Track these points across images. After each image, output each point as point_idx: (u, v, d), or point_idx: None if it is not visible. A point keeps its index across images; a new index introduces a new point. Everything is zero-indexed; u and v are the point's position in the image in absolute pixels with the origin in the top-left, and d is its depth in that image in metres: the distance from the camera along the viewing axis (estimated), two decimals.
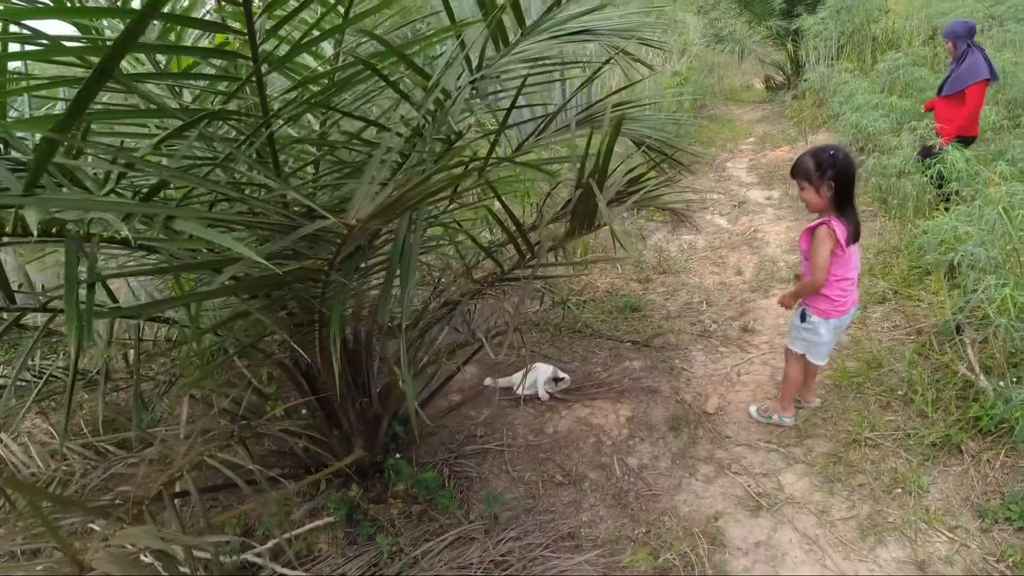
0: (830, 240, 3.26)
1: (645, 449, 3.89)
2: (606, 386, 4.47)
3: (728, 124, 11.93)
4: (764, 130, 11.22)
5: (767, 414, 4.07)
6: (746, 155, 10.03)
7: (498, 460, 3.96)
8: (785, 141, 10.31)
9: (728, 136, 11.02)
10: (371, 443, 4.03)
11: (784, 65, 14.33)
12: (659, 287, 6.03)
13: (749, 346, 4.92)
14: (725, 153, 10.21)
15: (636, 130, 4.17)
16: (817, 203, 3.30)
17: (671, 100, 9.27)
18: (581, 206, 2.85)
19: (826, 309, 3.53)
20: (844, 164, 3.17)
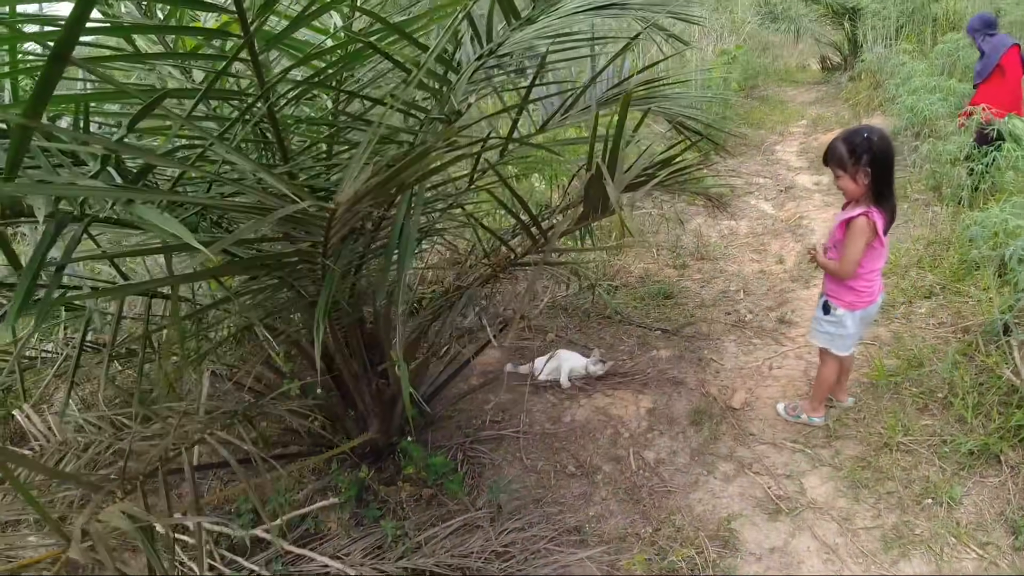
0: (867, 234, 3.06)
1: (664, 443, 3.73)
2: (630, 376, 4.30)
3: (780, 105, 11.52)
4: (817, 112, 10.80)
5: (795, 413, 3.84)
6: (796, 138, 9.67)
7: (512, 447, 3.83)
8: (838, 124, 9.90)
9: (779, 118, 10.64)
10: (386, 424, 3.94)
11: (841, 45, 13.79)
12: (695, 274, 5.82)
13: (784, 339, 4.69)
14: (775, 136, 9.85)
15: (669, 109, 3.96)
16: (855, 191, 3.06)
17: (718, 79, 8.92)
18: (593, 189, 2.69)
19: (852, 301, 3.33)
20: (881, 147, 2.93)
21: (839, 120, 10.17)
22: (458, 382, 4.42)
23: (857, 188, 3.03)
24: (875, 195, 3.03)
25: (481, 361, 4.64)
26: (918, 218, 6.24)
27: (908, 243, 5.74)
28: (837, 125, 9.88)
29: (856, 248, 3.09)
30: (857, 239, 3.07)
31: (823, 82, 13.33)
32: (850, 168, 2.99)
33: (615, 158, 2.57)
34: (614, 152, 2.56)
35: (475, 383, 4.45)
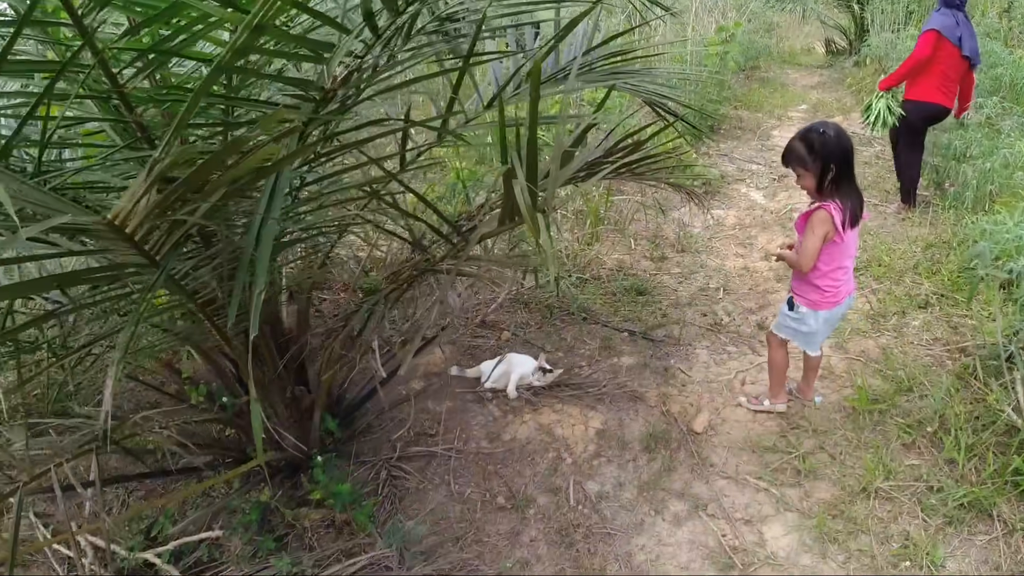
0: (825, 226, 2.85)
1: (610, 473, 3.15)
2: (584, 387, 3.72)
3: (780, 88, 10.79)
4: (818, 97, 10.08)
5: (758, 401, 3.55)
6: (795, 123, 8.96)
7: (443, 468, 3.27)
8: (840, 110, 9.20)
9: (778, 101, 9.93)
10: (304, 435, 3.41)
11: (847, 29, 12.97)
12: (674, 267, 5.20)
13: (762, 347, 4.10)
14: (772, 120, 9.16)
15: (638, 86, 3.35)
16: (815, 188, 2.88)
17: (714, 57, 8.20)
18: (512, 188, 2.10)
19: (816, 300, 3.09)
20: (838, 142, 2.76)
21: (841, 106, 9.46)
22: (396, 385, 3.86)
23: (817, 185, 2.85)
24: (836, 189, 2.83)
25: (426, 361, 4.07)
26: (917, 216, 5.60)
27: (904, 244, 5.12)
28: (838, 112, 9.19)
29: (812, 240, 2.89)
30: (815, 231, 2.87)
31: (827, 66, 12.56)
32: (811, 165, 2.80)
33: (533, 152, 1.97)
34: (531, 143, 1.96)
35: (416, 387, 3.87)
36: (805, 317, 3.13)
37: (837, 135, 2.76)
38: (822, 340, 3.32)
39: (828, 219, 2.81)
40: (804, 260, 2.93)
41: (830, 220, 2.81)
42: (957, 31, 5.16)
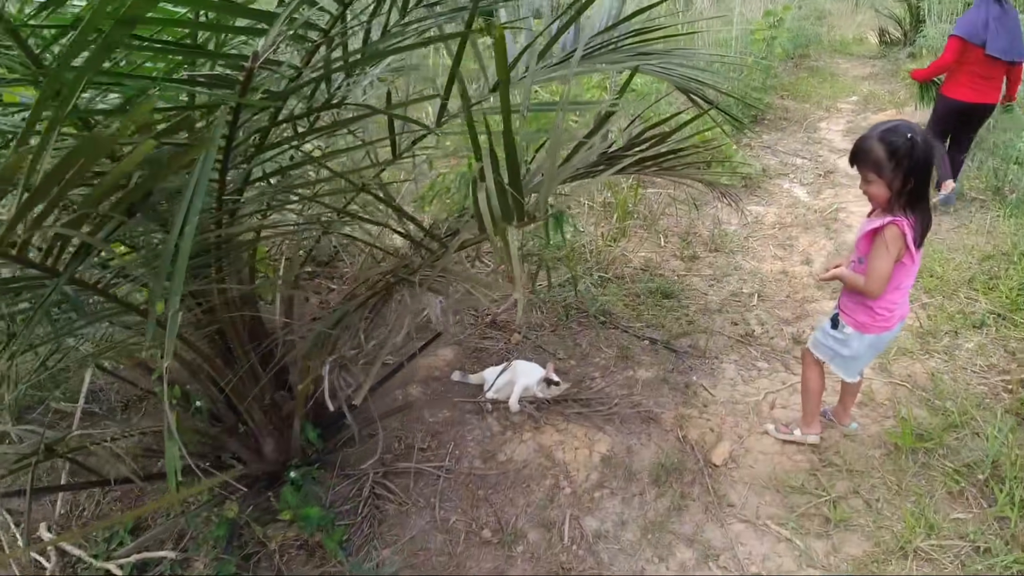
0: (899, 244, 2.40)
1: (613, 508, 2.76)
2: (595, 402, 3.31)
3: (830, 78, 10.11)
4: (870, 88, 9.41)
5: (788, 430, 3.12)
6: (844, 115, 8.36)
7: (430, 488, 2.91)
8: (892, 104, 8.56)
9: (827, 92, 9.29)
10: (284, 444, 3.08)
11: (902, 19, 12.16)
12: (705, 268, 4.75)
13: (796, 365, 3.65)
14: (820, 111, 8.55)
15: (669, 69, 2.92)
16: (885, 199, 2.40)
17: (761, 43, 7.60)
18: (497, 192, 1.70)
19: (865, 323, 2.65)
20: (925, 152, 2.29)
21: (893, 99, 8.81)
22: (393, 389, 3.50)
23: (888, 196, 2.38)
24: (907, 203, 2.38)
25: (427, 364, 3.70)
26: (974, 223, 5.05)
27: (960, 254, 4.59)
28: (890, 105, 8.55)
29: (886, 262, 2.44)
30: (888, 250, 2.41)
31: (879, 56, 11.78)
32: (887, 173, 2.33)
33: (511, 144, 1.57)
34: (508, 136, 1.55)
35: (414, 392, 3.51)
36: (849, 339, 2.71)
37: (925, 143, 2.30)
38: (863, 367, 2.90)
39: (901, 237, 2.38)
40: (875, 285, 2.48)
41: (903, 238, 2.38)
42: (983, 33, 4.88)
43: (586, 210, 5.19)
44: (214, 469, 3.10)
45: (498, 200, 1.68)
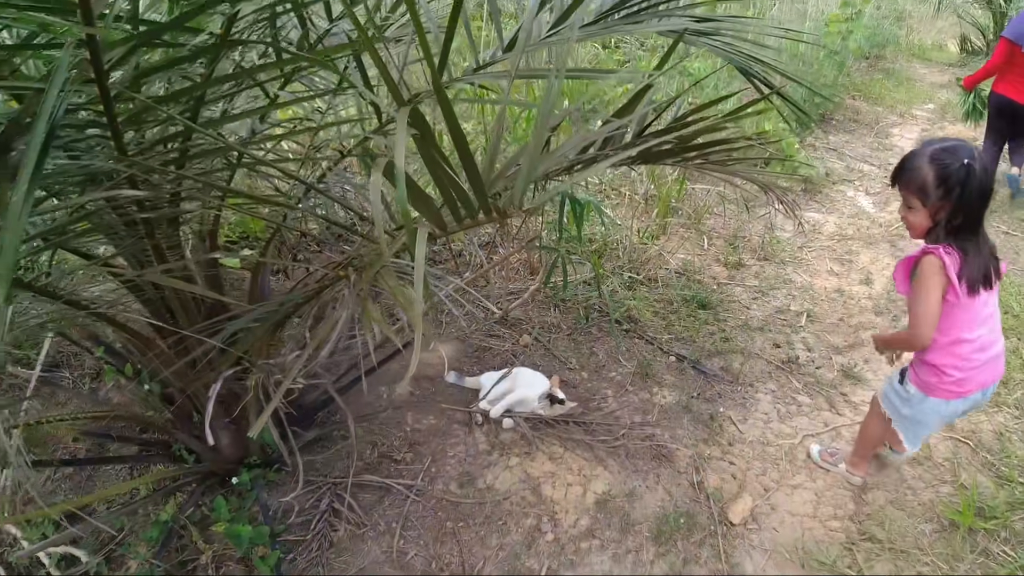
0: (938, 277, 1.90)
1: (600, 565, 2.23)
2: (601, 428, 2.78)
3: (906, 83, 9.22)
4: (948, 98, 8.50)
5: (833, 460, 2.67)
6: (919, 123, 7.53)
7: (395, 510, 2.43)
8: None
9: (902, 97, 8.43)
10: (241, 441, 2.62)
11: (985, 27, 11.08)
12: (750, 278, 4.14)
13: (844, 404, 3.06)
14: (894, 116, 7.73)
15: (726, 45, 2.35)
16: (925, 229, 1.94)
17: (835, 36, 6.80)
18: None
19: (929, 383, 2.11)
20: (981, 183, 1.82)
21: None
22: (378, 385, 3.02)
23: (929, 226, 1.93)
24: (951, 233, 1.90)
25: (422, 360, 3.20)
26: None
27: None
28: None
29: (926, 298, 1.92)
30: (926, 284, 1.91)
31: (959, 65, 10.76)
32: (933, 202, 1.86)
33: (453, 122, 1.03)
34: (447, 113, 1.02)
35: (401, 391, 3.02)
36: (911, 399, 2.17)
37: (983, 172, 1.82)
38: (926, 436, 2.33)
39: (940, 267, 1.88)
40: (919, 329, 1.96)
41: (942, 269, 1.88)
42: None
43: (626, 201, 4.60)
44: (165, 460, 2.68)
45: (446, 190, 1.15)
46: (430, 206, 1.16)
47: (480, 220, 1.34)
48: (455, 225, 1.37)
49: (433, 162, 1.08)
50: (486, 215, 1.31)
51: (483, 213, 1.32)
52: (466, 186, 1.24)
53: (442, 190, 1.19)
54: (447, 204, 1.26)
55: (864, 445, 2.51)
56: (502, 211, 1.29)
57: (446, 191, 1.20)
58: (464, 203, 1.25)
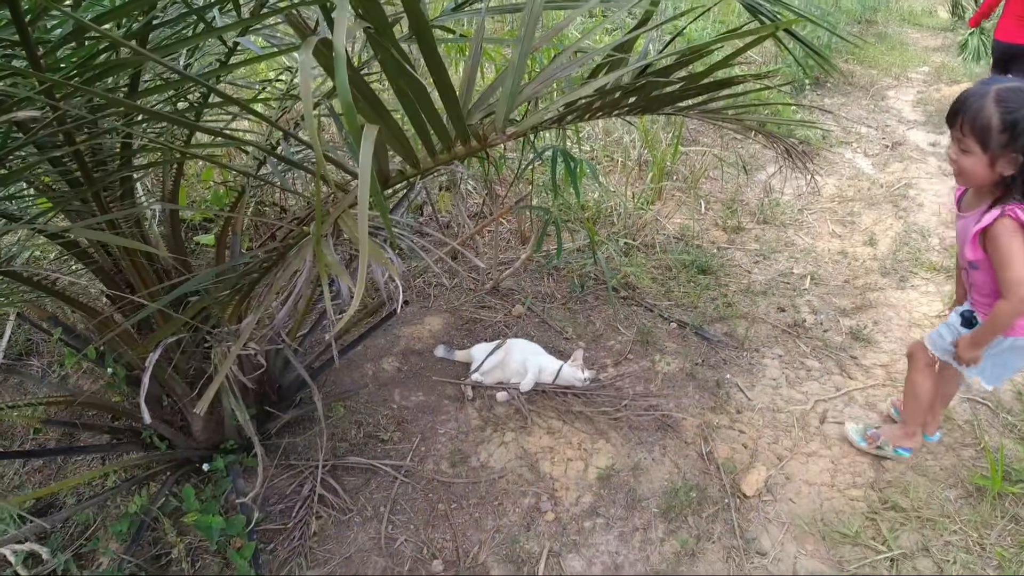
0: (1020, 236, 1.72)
1: (605, 545, 2.04)
2: (601, 399, 2.59)
3: (899, 47, 8.99)
4: (942, 60, 8.28)
5: (876, 443, 2.38)
6: (914, 85, 7.32)
7: (383, 492, 2.23)
8: (966, 76, 7.46)
9: (896, 60, 8.20)
10: (216, 424, 2.42)
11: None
12: (751, 242, 3.94)
13: (855, 367, 2.87)
14: (889, 79, 7.50)
15: None
16: (984, 178, 1.75)
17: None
18: None
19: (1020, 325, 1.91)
20: None
21: (967, 72, 7.68)
22: (363, 362, 2.82)
23: (987, 176, 1.73)
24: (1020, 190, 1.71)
25: (409, 333, 3.00)
26: None
27: None
28: (964, 77, 7.46)
29: (1017, 261, 1.73)
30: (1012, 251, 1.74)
31: (950, 29, 10.50)
32: (995, 148, 1.67)
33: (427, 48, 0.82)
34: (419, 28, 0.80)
35: (388, 367, 2.82)
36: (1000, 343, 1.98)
37: None
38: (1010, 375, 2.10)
39: (1018, 227, 1.71)
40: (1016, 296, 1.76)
41: (1020, 229, 1.71)
42: None
43: (618, 168, 4.39)
44: (136, 448, 2.47)
45: (413, 110, 0.94)
46: (393, 126, 0.95)
47: (458, 151, 1.13)
48: (428, 161, 1.16)
49: (394, 69, 0.87)
50: (464, 144, 1.10)
51: (460, 143, 1.11)
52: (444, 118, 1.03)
53: (408, 111, 0.98)
54: (417, 131, 1.05)
55: (916, 410, 2.29)
56: (482, 137, 1.07)
57: (414, 112, 0.99)
58: (437, 129, 1.05)
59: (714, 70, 1.67)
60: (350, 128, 0.72)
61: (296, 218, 1.62)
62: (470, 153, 1.12)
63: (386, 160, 1.16)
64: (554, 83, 1.24)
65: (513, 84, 1.03)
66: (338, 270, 0.96)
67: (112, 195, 1.86)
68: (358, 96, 0.87)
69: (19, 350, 2.98)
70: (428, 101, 0.96)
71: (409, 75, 0.88)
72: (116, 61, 1.29)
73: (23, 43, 1.02)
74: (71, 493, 2.38)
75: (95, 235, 1.51)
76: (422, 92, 0.93)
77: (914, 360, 2.23)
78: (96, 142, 1.55)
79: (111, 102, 1.27)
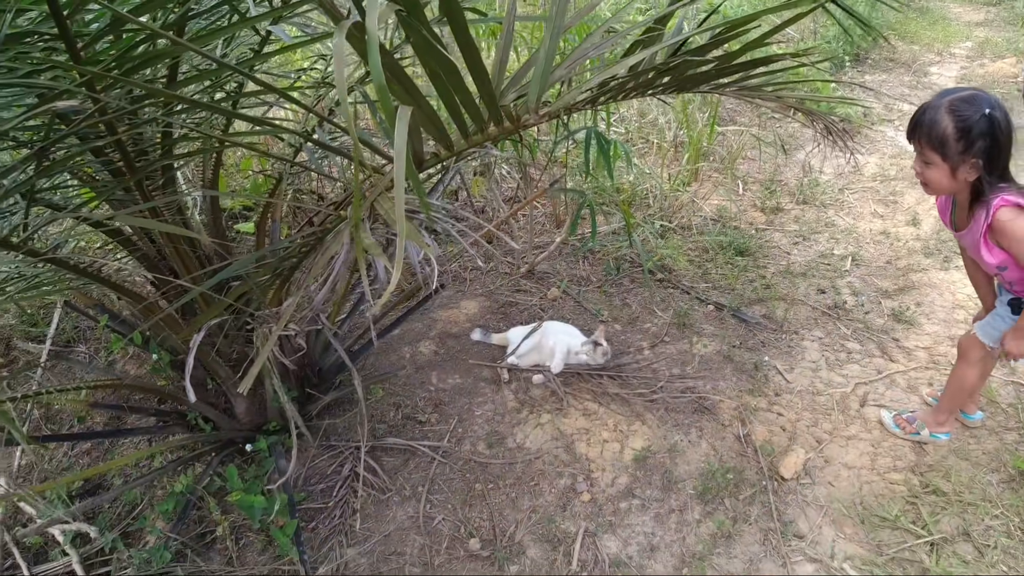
0: None
1: (641, 526, 2.04)
2: (637, 381, 2.57)
3: (941, 21, 8.71)
4: (986, 35, 8.00)
5: (913, 428, 2.35)
6: (958, 61, 7.09)
7: (421, 472, 2.26)
8: (1011, 51, 7.21)
9: (938, 35, 7.95)
10: (258, 406, 2.47)
11: None
12: (790, 223, 3.87)
13: (896, 350, 2.81)
14: (931, 54, 7.28)
15: None
16: (949, 187, 1.81)
17: None
18: None
19: None
20: (1004, 130, 1.69)
21: (1012, 47, 7.41)
22: (400, 345, 2.84)
23: (952, 184, 1.79)
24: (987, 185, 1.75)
25: (446, 317, 3.02)
26: None
27: None
28: (1009, 52, 7.20)
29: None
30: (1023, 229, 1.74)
31: (994, 3, 10.16)
32: (953, 157, 1.72)
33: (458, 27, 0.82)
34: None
35: (425, 350, 2.84)
36: None
37: (1005, 119, 1.70)
38: None
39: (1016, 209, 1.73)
40: None
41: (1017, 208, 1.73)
42: None
43: (654, 149, 4.34)
44: (182, 430, 2.53)
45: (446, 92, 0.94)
46: (427, 108, 0.95)
47: (491, 133, 1.12)
48: (462, 143, 1.16)
49: (426, 50, 0.87)
50: (497, 125, 1.10)
51: (493, 124, 1.10)
52: None
53: (441, 92, 0.98)
54: (450, 112, 1.05)
55: (956, 399, 2.26)
56: (515, 118, 1.07)
57: (447, 94, 0.98)
58: (471, 110, 1.04)
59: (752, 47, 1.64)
60: (384, 110, 0.72)
61: (334, 202, 1.63)
62: (504, 134, 1.12)
63: (420, 142, 1.16)
64: (588, 62, 1.23)
65: (545, 64, 1.02)
66: (375, 251, 0.97)
67: (154, 184, 1.90)
68: (391, 78, 0.87)
69: (67, 337, 3.05)
70: (461, 81, 0.96)
71: (441, 55, 0.88)
72: (153, 52, 1.30)
73: (62, 36, 1.04)
74: (119, 474, 2.44)
75: (139, 222, 1.54)
76: (454, 72, 0.93)
77: (966, 353, 2.18)
78: (137, 132, 1.58)
79: (150, 92, 1.29)
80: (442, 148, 1.15)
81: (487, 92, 1.01)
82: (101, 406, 2.46)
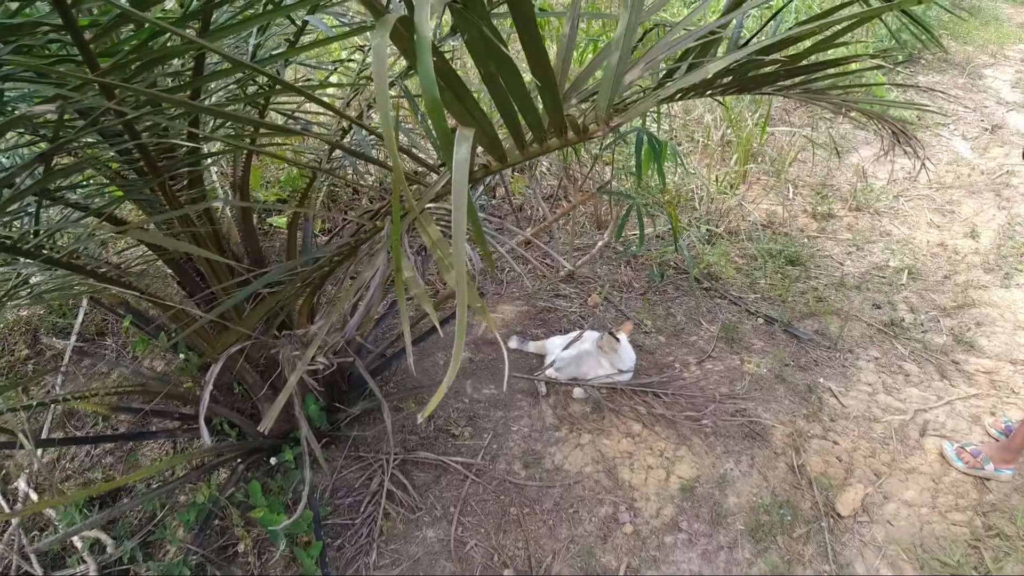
0: None
1: (687, 563, 1.86)
2: (683, 400, 2.39)
3: (994, 22, 8.31)
4: None
5: (977, 463, 2.15)
6: (1012, 64, 6.73)
7: (453, 491, 2.10)
8: None
9: (992, 37, 7.57)
10: (286, 414, 2.33)
11: None
12: (843, 231, 3.65)
13: (957, 374, 2.60)
14: (985, 56, 6.93)
15: None
16: None
17: None
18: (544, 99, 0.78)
19: None
20: None
21: None
22: (435, 350, 2.69)
23: None
24: None
25: (483, 322, 2.86)
26: None
27: None
28: None
29: None
30: None
31: None
32: None
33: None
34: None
35: (465, 357, 2.68)
36: None
37: None
38: None
39: None
40: None
41: None
42: None
43: (700, 148, 4.13)
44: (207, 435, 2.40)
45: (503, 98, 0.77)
46: (481, 119, 0.79)
47: (551, 144, 0.95)
48: (516, 154, 0.99)
49: (484, 50, 0.70)
50: (560, 136, 0.92)
51: (556, 135, 0.93)
52: None
53: (498, 98, 0.81)
54: (506, 121, 0.88)
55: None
56: (581, 128, 0.90)
57: (503, 100, 0.81)
58: (530, 120, 0.87)
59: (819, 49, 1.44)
60: (438, 131, 0.56)
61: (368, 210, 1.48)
62: (565, 145, 0.95)
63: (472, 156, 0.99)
64: (663, 63, 1.05)
65: (619, 65, 0.84)
66: (414, 286, 0.81)
67: (179, 183, 1.76)
68: (443, 85, 0.71)
69: (94, 331, 2.95)
70: (522, 87, 0.79)
71: (503, 56, 0.71)
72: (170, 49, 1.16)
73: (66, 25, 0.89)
74: (140, 480, 2.33)
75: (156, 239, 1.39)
76: (516, 75, 0.76)
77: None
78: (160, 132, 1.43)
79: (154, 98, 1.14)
80: (493, 160, 0.98)
81: (552, 98, 0.84)
82: (124, 409, 2.34)
